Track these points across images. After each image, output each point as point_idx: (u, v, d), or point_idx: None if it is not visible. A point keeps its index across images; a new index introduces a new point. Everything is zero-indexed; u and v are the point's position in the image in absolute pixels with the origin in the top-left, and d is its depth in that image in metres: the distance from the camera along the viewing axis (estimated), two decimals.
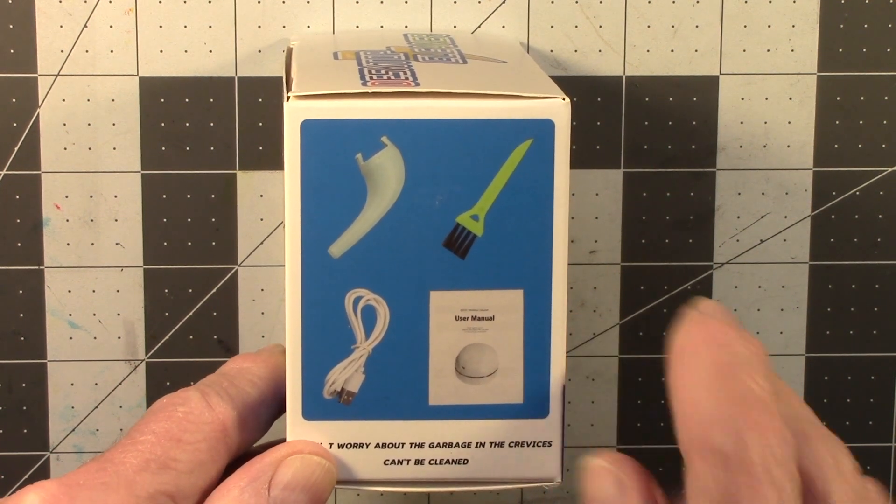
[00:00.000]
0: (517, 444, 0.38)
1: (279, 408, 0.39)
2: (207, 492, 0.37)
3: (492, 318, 0.38)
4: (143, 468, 0.36)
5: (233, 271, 0.49)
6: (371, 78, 0.38)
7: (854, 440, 0.51)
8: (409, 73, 0.39)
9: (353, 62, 0.40)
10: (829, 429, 0.52)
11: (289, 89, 0.38)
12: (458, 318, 0.38)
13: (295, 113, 0.37)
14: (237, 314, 0.49)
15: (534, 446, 0.38)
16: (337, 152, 0.37)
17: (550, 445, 0.38)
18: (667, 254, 0.49)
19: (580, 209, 0.49)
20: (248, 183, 0.48)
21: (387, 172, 0.37)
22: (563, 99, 0.37)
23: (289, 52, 0.44)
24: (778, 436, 0.32)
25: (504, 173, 0.37)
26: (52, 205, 0.48)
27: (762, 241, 0.49)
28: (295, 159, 0.37)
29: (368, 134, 0.37)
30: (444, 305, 0.37)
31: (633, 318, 0.50)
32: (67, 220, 0.48)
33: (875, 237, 0.50)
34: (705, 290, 0.50)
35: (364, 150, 0.37)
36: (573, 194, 0.49)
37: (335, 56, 0.42)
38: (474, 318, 0.38)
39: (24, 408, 0.49)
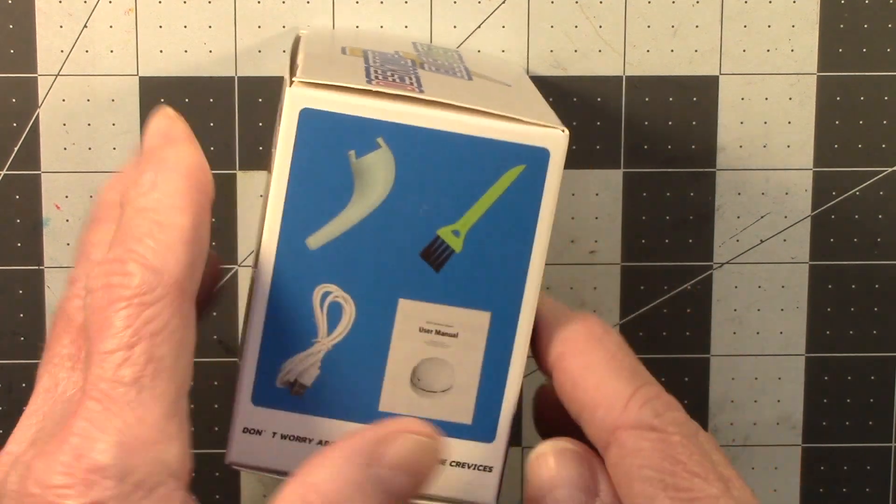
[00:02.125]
0: (459, 464, 0.38)
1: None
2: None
3: (455, 336, 0.37)
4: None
5: (233, 271, 0.49)
6: (377, 77, 0.38)
7: (854, 440, 0.51)
8: (414, 80, 0.38)
9: (361, 59, 0.40)
10: (827, 428, 0.52)
11: (293, 74, 0.37)
12: (422, 330, 0.37)
13: (296, 99, 0.36)
14: (237, 314, 0.49)
15: (475, 469, 0.38)
16: (331, 145, 0.36)
17: (491, 471, 0.38)
18: (667, 254, 0.49)
19: (580, 209, 0.49)
20: (248, 183, 0.48)
21: (377, 174, 0.36)
22: (563, 131, 0.37)
23: (296, 40, 0.44)
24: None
25: (492, 194, 0.37)
26: (52, 205, 0.48)
27: (762, 241, 0.50)
28: (288, 145, 0.36)
29: (365, 132, 0.36)
30: (411, 315, 0.37)
31: (633, 318, 0.50)
32: (67, 220, 0.48)
33: (875, 237, 0.50)
34: (705, 289, 0.50)
35: (358, 147, 0.36)
36: (573, 194, 0.49)
37: (343, 51, 0.42)
38: (438, 333, 0.37)
39: (25, 408, 0.49)
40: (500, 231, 0.37)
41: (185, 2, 0.47)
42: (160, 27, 0.48)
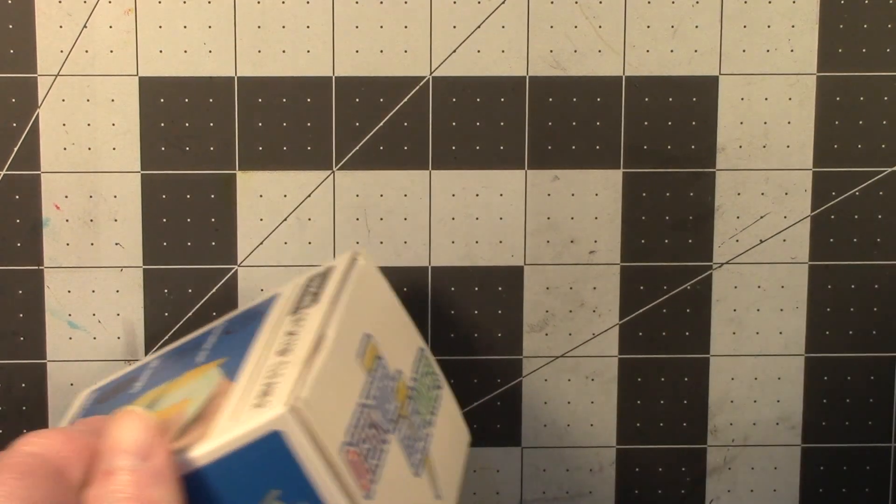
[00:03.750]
0: None
1: None
2: None
3: None
4: None
5: (232, 271, 0.49)
6: (353, 440, 0.36)
7: (854, 440, 0.51)
8: (377, 460, 0.37)
9: (361, 386, 0.38)
10: (827, 428, 0.52)
11: (303, 379, 0.36)
12: None
13: (280, 419, 0.34)
14: None
15: None
16: (272, 470, 0.35)
17: None
18: (667, 254, 0.49)
19: (580, 209, 0.49)
20: (248, 183, 0.48)
21: None
22: None
23: (344, 277, 0.42)
24: None
25: None
26: (51, 205, 0.48)
27: (762, 241, 0.50)
28: (240, 438, 0.35)
29: (304, 492, 0.35)
30: None
31: (633, 317, 0.50)
32: (67, 220, 0.48)
33: (875, 237, 0.50)
34: (705, 290, 0.50)
35: (287, 494, 0.35)
36: (573, 194, 0.49)
37: (360, 355, 0.40)
38: None
39: (24, 408, 0.49)
40: None
41: (184, 2, 0.47)
42: (160, 27, 0.48)
